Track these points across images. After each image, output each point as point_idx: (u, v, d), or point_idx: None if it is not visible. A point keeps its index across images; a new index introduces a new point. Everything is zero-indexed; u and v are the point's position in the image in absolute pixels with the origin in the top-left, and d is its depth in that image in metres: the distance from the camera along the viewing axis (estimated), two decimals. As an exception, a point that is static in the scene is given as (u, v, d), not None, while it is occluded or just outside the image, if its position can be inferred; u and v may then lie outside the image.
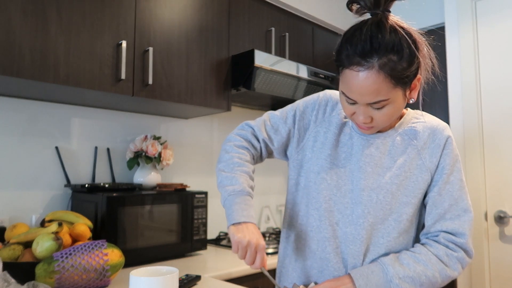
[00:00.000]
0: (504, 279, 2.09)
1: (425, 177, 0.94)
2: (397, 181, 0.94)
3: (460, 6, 2.32)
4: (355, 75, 0.82)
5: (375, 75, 0.80)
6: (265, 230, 2.52)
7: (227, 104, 1.94)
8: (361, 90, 0.83)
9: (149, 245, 1.60)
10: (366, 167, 0.95)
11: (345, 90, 0.88)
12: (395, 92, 0.84)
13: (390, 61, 0.80)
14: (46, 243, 1.20)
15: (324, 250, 0.97)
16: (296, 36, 2.33)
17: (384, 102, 0.85)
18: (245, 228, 0.92)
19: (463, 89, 2.28)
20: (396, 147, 0.97)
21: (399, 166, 0.95)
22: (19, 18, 1.31)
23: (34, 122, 1.67)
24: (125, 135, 1.96)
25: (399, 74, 0.81)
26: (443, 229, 0.93)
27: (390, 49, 0.80)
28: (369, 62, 0.80)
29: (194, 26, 1.83)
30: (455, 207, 0.94)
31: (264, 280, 1.65)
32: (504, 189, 2.13)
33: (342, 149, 0.99)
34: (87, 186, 1.62)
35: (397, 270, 0.88)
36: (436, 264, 0.90)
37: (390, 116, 0.88)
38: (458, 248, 0.93)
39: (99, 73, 1.50)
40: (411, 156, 0.95)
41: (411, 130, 0.98)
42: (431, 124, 0.98)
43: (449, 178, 0.94)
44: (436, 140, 0.95)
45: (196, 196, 1.79)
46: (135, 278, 0.86)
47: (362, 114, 0.88)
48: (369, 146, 0.97)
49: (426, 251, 0.92)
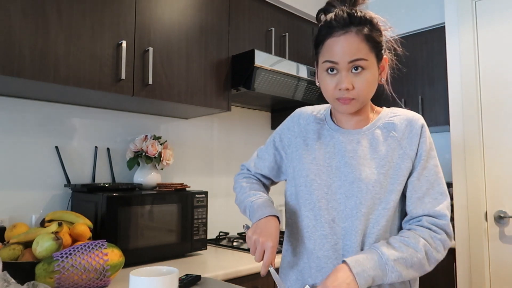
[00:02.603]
0: (504, 279, 2.09)
1: (407, 164, 0.99)
2: (383, 171, 0.98)
3: (460, 6, 2.32)
4: (337, 39, 0.94)
5: (354, 36, 0.94)
6: (265, 230, 2.52)
7: (227, 104, 1.94)
8: (343, 49, 0.93)
9: (149, 245, 1.60)
10: (352, 161, 1.00)
11: (327, 57, 0.96)
12: (371, 57, 0.95)
13: (364, 29, 0.94)
14: (46, 243, 1.20)
15: (322, 248, 1.00)
16: (296, 36, 2.33)
17: (363, 63, 0.94)
18: (263, 225, 0.99)
19: (463, 89, 2.27)
20: (377, 139, 1.02)
21: (382, 156, 1.00)
22: (19, 18, 1.31)
23: (34, 122, 1.67)
24: (125, 135, 1.96)
25: (372, 39, 0.95)
26: (424, 213, 0.97)
27: (364, 21, 0.95)
28: (347, 29, 0.94)
29: (194, 26, 1.83)
30: (431, 190, 0.98)
31: (264, 280, 1.65)
32: (504, 189, 2.13)
33: (326, 149, 1.05)
34: (87, 186, 1.62)
35: (391, 253, 0.91)
36: (423, 246, 0.93)
37: (368, 83, 0.95)
38: (440, 230, 0.96)
39: (99, 73, 1.50)
40: (392, 146, 1.00)
41: (389, 124, 1.04)
42: (407, 116, 1.04)
43: (426, 164, 0.99)
44: (413, 130, 1.01)
45: (196, 196, 1.79)
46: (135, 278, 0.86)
47: (344, 80, 0.94)
48: (351, 142, 1.02)
49: (413, 235, 0.95)
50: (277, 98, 2.15)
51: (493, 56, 2.21)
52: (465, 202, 2.22)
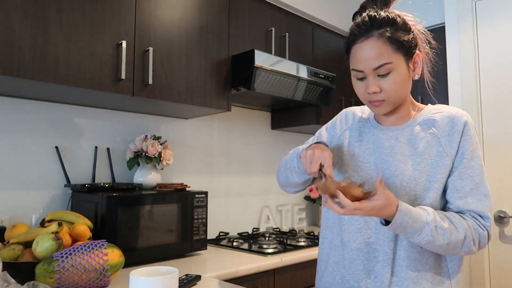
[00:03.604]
0: (504, 279, 2.09)
1: (446, 162, 0.98)
2: (419, 168, 0.98)
3: (460, 6, 2.32)
4: (359, 46, 0.96)
5: (375, 41, 0.94)
6: (265, 230, 2.52)
7: (227, 104, 1.94)
8: (366, 56, 0.95)
9: (149, 245, 1.60)
10: (388, 158, 1.02)
11: (353, 65, 0.99)
12: (397, 57, 0.95)
13: (387, 31, 0.95)
14: (46, 243, 1.20)
15: (356, 241, 1.03)
16: (296, 36, 2.33)
17: (388, 66, 0.94)
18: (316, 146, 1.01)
19: (463, 88, 2.27)
20: (415, 135, 1.02)
21: (420, 153, 0.99)
22: (19, 18, 1.31)
23: (34, 122, 1.67)
24: (125, 135, 1.96)
25: (396, 38, 0.94)
26: (468, 209, 0.96)
27: (385, 23, 0.95)
28: (369, 33, 0.95)
29: (194, 26, 1.83)
30: (476, 191, 0.96)
31: (264, 280, 1.65)
32: (504, 189, 2.13)
33: (366, 146, 1.07)
34: (87, 186, 1.62)
35: (436, 218, 0.91)
36: (465, 231, 0.92)
37: (397, 84, 0.96)
38: (484, 227, 0.95)
39: (99, 73, 1.50)
40: (431, 143, 1.00)
41: (430, 120, 1.03)
42: (450, 112, 1.03)
43: (470, 163, 0.97)
44: (455, 127, 1.00)
45: (196, 196, 1.79)
46: (135, 278, 0.86)
47: (371, 85, 0.96)
48: (389, 138, 1.04)
49: (459, 217, 0.95)
50: (277, 98, 2.15)
51: (493, 56, 2.21)
52: (465, 202, 2.22)
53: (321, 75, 2.21)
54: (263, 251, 1.83)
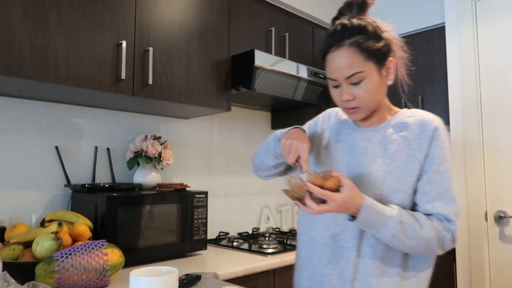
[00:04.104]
0: (504, 279, 2.09)
1: (415, 166, 1.00)
2: (388, 168, 1.00)
3: (460, 6, 2.32)
4: (332, 55, 0.99)
5: (346, 50, 0.96)
6: (265, 230, 2.52)
7: (227, 104, 1.94)
8: (338, 65, 0.98)
9: (149, 245, 1.60)
10: (360, 157, 1.05)
11: (327, 74, 1.02)
12: (368, 66, 0.97)
13: (358, 39, 0.96)
14: (46, 243, 1.20)
15: (323, 236, 1.06)
16: (296, 36, 2.33)
17: (360, 75, 0.96)
18: (294, 133, 1.03)
19: (463, 89, 2.27)
20: (387, 137, 1.04)
21: (390, 155, 1.02)
22: (19, 18, 1.31)
23: (34, 122, 1.67)
24: (125, 135, 1.96)
25: (367, 47, 0.96)
26: (434, 212, 0.98)
27: (357, 31, 0.97)
28: (341, 43, 0.97)
29: (194, 26, 1.83)
30: (443, 196, 0.98)
31: (264, 280, 1.65)
32: (504, 189, 2.13)
33: (342, 146, 1.10)
34: (87, 186, 1.62)
35: (401, 213, 0.94)
36: (430, 230, 0.94)
37: (369, 92, 0.98)
38: (449, 230, 0.97)
39: (99, 73, 1.50)
40: (402, 146, 1.02)
41: (402, 123, 1.05)
42: (422, 117, 1.05)
43: (439, 168, 0.99)
44: (425, 131, 1.01)
45: (196, 196, 1.79)
46: (135, 278, 0.86)
47: (344, 93, 0.99)
48: (363, 139, 1.07)
49: (426, 217, 0.97)
50: (277, 98, 2.15)
51: (493, 56, 2.21)
52: (465, 202, 2.22)
53: (321, 75, 2.21)
54: (263, 251, 1.83)
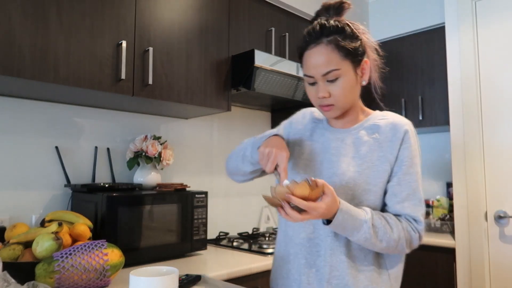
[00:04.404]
0: (504, 279, 2.09)
1: (385, 167, 1.03)
2: (359, 169, 1.03)
3: (460, 6, 2.32)
4: (309, 53, 1.01)
5: (324, 48, 0.99)
6: (265, 230, 2.52)
7: (227, 104, 1.94)
8: (315, 63, 0.99)
9: (149, 245, 1.60)
10: (333, 158, 1.07)
11: (304, 71, 1.04)
12: (345, 64, 0.99)
13: (336, 38, 0.99)
14: (46, 243, 1.20)
15: (299, 236, 1.08)
16: (296, 36, 2.33)
17: (336, 72, 0.98)
18: (274, 141, 1.02)
19: (463, 89, 2.27)
20: (360, 139, 1.07)
21: (362, 156, 1.04)
22: (19, 18, 1.31)
23: (34, 122, 1.67)
24: (125, 135, 1.96)
25: (344, 46, 0.98)
26: (403, 213, 1.02)
27: (334, 31, 0.99)
28: (319, 41, 1.00)
29: (194, 26, 1.83)
30: (412, 197, 1.02)
31: (264, 280, 1.65)
32: (504, 189, 2.13)
33: (315, 145, 1.12)
34: (87, 186, 1.62)
35: (373, 217, 0.97)
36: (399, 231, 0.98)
37: (345, 90, 1.00)
38: (416, 230, 1.01)
39: (99, 73, 1.50)
40: (373, 148, 1.04)
41: (374, 125, 1.08)
42: (393, 120, 1.07)
43: (409, 170, 1.03)
44: (397, 134, 1.04)
45: (196, 196, 1.79)
46: (135, 278, 0.86)
47: (320, 90, 1.01)
48: (336, 140, 1.09)
49: (395, 218, 1.00)
50: (277, 98, 2.15)
51: (493, 56, 2.21)
52: (465, 202, 2.22)
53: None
54: (263, 251, 1.83)
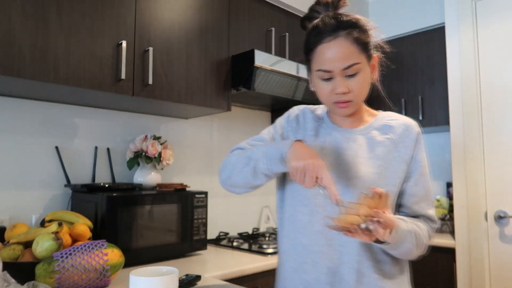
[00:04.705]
0: (504, 279, 2.09)
1: (403, 167, 1.02)
2: (378, 171, 1.00)
3: (460, 6, 2.32)
4: (327, 46, 0.95)
5: (343, 41, 0.94)
6: (265, 230, 2.52)
7: (227, 104, 1.94)
8: (335, 56, 0.94)
9: (149, 245, 1.60)
10: (348, 158, 1.01)
11: (320, 66, 0.97)
12: (363, 58, 0.96)
13: (352, 32, 0.95)
14: (46, 243, 1.20)
15: (317, 244, 1.00)
16: (296, 36, 2.33)
17: (356, 67, 0.94)
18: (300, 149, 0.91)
19: (463, 89, 2.27)
20: (373, 139, 1.03)
21: (378, 156, 1.01)
22: (19, 18, 1.31)
23: (34, 122, 1.67)
24: (125, 135, 1.96)
25: (361, 40, 0.95)
26: (421, 213, 1.03)
27: (350, 25, 0.96)
28: (336, 33, 0.95)
29: (194, 26, 1.83)
30: (427, 197, 1.04)
31: (264, 280, 1.65)
32: (504, 189, 2.13)
33: (323, 146, 1.05)
34: (87, 186, 1.62)
35: (413, 226, 0.96)
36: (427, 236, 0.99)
37: (363, 85, 0.97)
38: (433, 231, 1.03)
39: (99, 73, 1.50)
40: (389, 148, 1.02)
41: (386, 126, 1.05)
42: (404, 121, 1.06)
43: (424, 171, 1.03)
44: (410, 135, 1.03)
45: (196, 196, 1.79)
46: (135, 278, 0.86)
47: (340, 85, 0.95)
48: (347, 140, 1.04)
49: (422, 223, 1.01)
50: (277, 98, 2.15)
51: (493, 56, 2.21)
52: (465, 202, 2.22)
53: (321, 75, 2.21)
54: (263, 251, 1.83)
